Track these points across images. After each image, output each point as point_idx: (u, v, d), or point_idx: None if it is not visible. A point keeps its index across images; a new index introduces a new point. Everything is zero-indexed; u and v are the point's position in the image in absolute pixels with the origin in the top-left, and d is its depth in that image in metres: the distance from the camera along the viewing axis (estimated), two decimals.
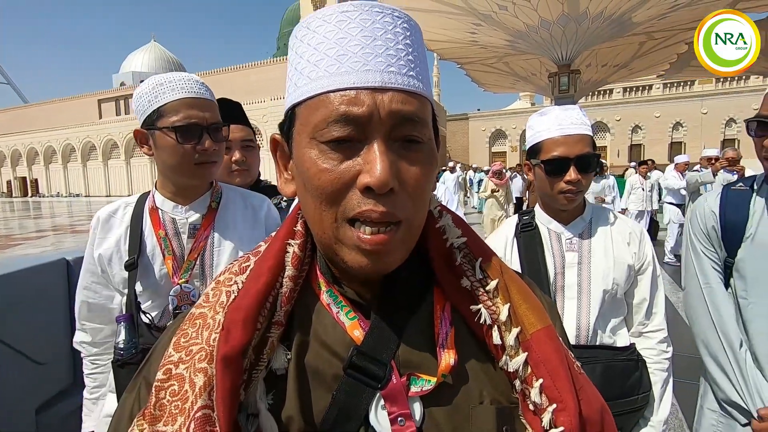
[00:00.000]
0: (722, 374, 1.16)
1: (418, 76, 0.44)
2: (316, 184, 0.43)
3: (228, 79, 40.44)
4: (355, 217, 0.42)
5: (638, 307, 1.28)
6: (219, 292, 0.49)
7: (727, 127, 36.22)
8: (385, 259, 0.44)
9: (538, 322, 0.47)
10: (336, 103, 0.41)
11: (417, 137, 0.43)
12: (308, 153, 0.43)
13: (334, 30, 0.43)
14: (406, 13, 0.45)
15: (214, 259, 1.17)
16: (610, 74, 24.06)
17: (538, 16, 16.39)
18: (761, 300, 1.11)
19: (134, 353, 1.09)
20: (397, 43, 0.43)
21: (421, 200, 0.45)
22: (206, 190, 1.23)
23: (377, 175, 0.40)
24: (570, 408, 0.44)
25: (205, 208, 1.20)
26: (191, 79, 1.13)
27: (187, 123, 1.09)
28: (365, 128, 0.42)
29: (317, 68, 0.43)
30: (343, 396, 0.45)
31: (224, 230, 1.19)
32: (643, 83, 38.55)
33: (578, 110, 1.25)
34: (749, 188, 1.20)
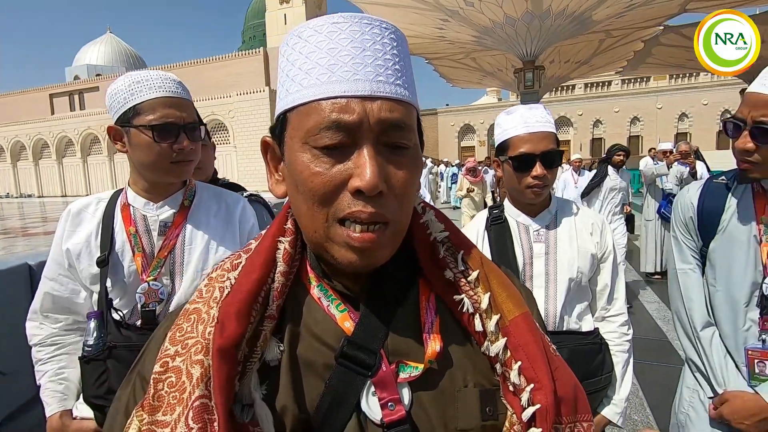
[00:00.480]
0: (693, 351, 1.26)
1: (404, 84, 0.47)
2: (309, 186, 0.45)
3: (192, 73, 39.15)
4: (345, 217, 0.45)
5: (601, 293, 1.37)
6: (212, 288, 0.50)
7: (680, 122, 38.21)
8: (373, 256, 0.46)
9: (516, 309, 0.50)
10: (327, 111, 0.44)
11: (403, 143, 0.46)
12: (301, 157, 0.46)
13: (325, 40, 0.45)
14: (393, 24, 0.48)
15: (185, 257, 1.16)
16: (572, 70, 24.88)
17: (503, 12, 16.71)
18: (724, 288, 1.20)
19: (101, 350, 1.09)
20: (384, 53, 0.46)
21: (407, 201, 0.48)
22: (179, 188, 1.22)
23: (367, 178, 0.42)
24: (546, 387, 0.47)
25: (177, 205, 1.19)
26: (168, 78, 1.12)
27: (164, 122, 1.09)
28: (355, 134, 0.44)
29: (309, 76, 0.45)
30: (335, 384, 0.47)
31: (196, 228, 1.19)
32: (603, 79, 40.07)
33: (542, 109, 1.32)
34: (727, 183, 1.26)
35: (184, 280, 1.16)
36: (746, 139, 1.06)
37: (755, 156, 1.07)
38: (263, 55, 38.62)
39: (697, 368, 1.25)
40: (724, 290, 1.19)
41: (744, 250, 1.16)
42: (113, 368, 1.09)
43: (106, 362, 1.09)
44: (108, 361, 1.09)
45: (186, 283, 1.16)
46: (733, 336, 1.17)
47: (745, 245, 1.16)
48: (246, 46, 54.09)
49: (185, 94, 1.15)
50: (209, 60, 40.01)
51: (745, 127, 1.06)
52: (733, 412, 1.11)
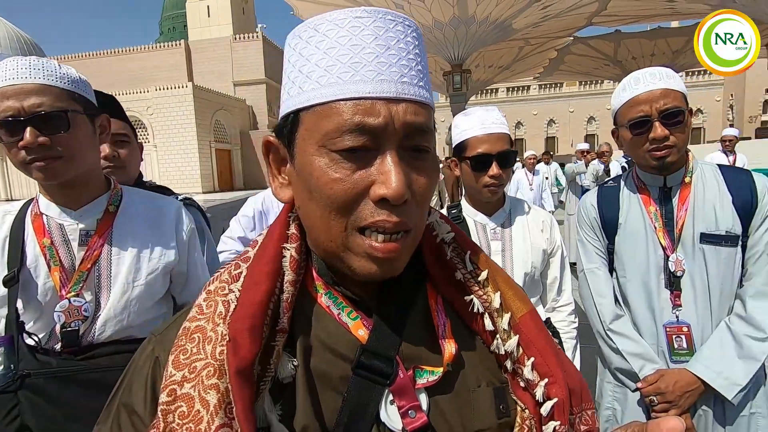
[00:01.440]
0: (607, 347, 1.36)
1: (426, 86, 0.45)
2: (328, 193, 0.42)
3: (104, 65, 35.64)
4: (367, 226, 0.42)
5: (551, 285, 1.47)
6: (214, 302, 0.46)
7: (589, 124, 42.22)
8: (393, 266, 0.45)
9: (524, 306, 0.51)
10: (350, 113, 0.41)
11: (426, 147, 0.45)
12: (317, 161, 0.43)
13: (347, 36, 0.42)
14: (414, 22, 0.46)
15: (113, 269, 1.06)
16: (496, 74, 26.40)
17: (431, 16, 17.26)
18: (634, 277, 1.33)
19: (11, 381, 0.96)
20: (408, 53, 0.44)
21: (426, 207, 0.47)
22: (102, 192, 1.10)
23: (393, 186, 0.40)
24: (560, 380, 0.48)
25: (100, 211, 1.08)
26: (6, 64, 0.95)
27: (3, 118, 0.94)
28: (379, 138, 0.42)
29: (328, 74, 0.42)
30: (354, 396, 0.45)
31: (124, 236, 1.08)
32: (523, 84, 43.00)
33: (497, 111, 1.38)
34: (617, 184, 1.43)
35: (112, 294, 1.05)
36: (660, 128, 1.20)
37: (671, 139, 1.20)
38: (185, 48, 36.26)
39: (615, 361, 1.34)
40: (635, 279, 1.32)
41: (643, 238, 1.30)
42: (26, 400, 0.96)
43: (17, 394, 0.96)
44: (20, 393, 0.96)
45: (115, 297, 1.05)
46: (651, 319, 1.30)
47: (644, 234, 1.30)
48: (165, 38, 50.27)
49: (34, 77, 0.96)
50: (122, 51, 36.70)
51: (654, 119, 1.20)
52: (667, 386, 1.23)
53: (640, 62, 24.47)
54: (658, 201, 1.30)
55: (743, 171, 1.31)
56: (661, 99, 1.19)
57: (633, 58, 25.34)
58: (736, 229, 1.22)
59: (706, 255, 1.23)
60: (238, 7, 40.29)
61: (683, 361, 1.25)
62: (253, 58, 35.67)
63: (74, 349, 1.01)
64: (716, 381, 1.18)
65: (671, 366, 1.27)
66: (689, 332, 1.25)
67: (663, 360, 1.28)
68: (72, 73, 1.03)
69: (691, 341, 1.25)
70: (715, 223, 1.23)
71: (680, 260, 1.25)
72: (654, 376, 1.26)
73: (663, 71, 1.23)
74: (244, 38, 36.07)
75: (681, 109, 1.19)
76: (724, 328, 1.22)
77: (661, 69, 1.24)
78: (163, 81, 32.44)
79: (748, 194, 1.22)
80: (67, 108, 0.99)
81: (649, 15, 20.88)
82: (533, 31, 20.49)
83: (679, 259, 1.25)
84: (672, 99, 1.19)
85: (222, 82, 34.63)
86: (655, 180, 1.31)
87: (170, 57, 35.93)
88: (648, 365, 1.27)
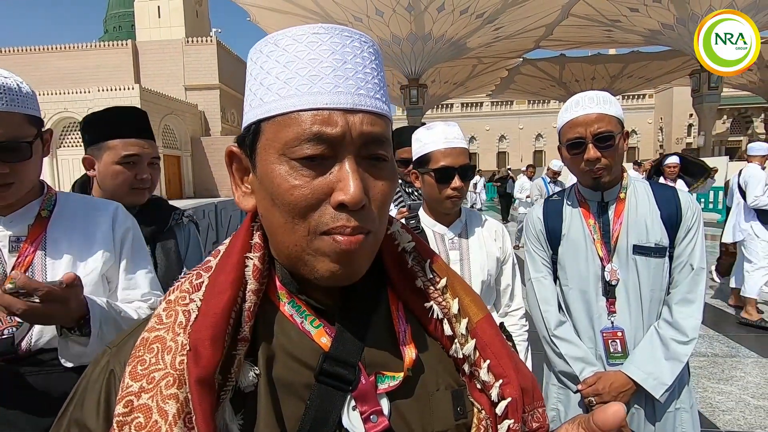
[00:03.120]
0: (552, 351, 1.45)
1: (382, 98, 0.47)
2: (289, 199, 0.43)
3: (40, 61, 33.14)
4: (328, 231, 0.44)
5: (504, 291, 1.55)
6: (174, 312, 0.46)
7: (537, 141, 44.48)
8: (356, 263, 0.46)
9: (480, 312, 0.53)
10: (309, 123, 0.43)
11: (383, 156, 0.47)
12: (278, 169, 0.44)
13: (305, 50, 0.44)
14: (371, 38, 0.49)
15: (47, 275, 1.02)
16: (451, 90, 27.31)
17: (389, 31, 17.63)
18: (575, 285, 1.43)
19: None
20: (365, 67, 0.46)
21: (385, 212, 0.48)
22: (34, 197, 1.06)
23: (351, 192, 0.42)
24: (513, 381, 0.50)
25: (32, 217, 1.04)
26: None
27: None
28: (337, 147, 0.43)
29: (288, 86, 0.44)
30: (316, 403, 0.46)
31: (59, 242, 1.05)
32: (477, 100, 44.69)
33: (457, 126, 1.45)
34: (561, 198, 1.53)
35: None
36: (593, 150, 1.30)
37: (603, 161, 1.31)
38: (132, 48, 34.53)
39: (559, 365, 1.43)
40: (576, 287, 1.42)
41: (583, 249, 1.40)
42: None
43: None
44: None
45: None
46: (590, 325, 1.40)
47: (583, 245, 1.41)
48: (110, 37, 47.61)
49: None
50: (62, 48, 34.35)
51: (588, 142, 1.31)
52: (603, 388, 1.32)
53: (582, 85, 26.29)
54: (596, 214, 1.41)
55: (670, 187, 1.44)
56: (596, 123, 1.29)
57: (576, 80, 27.16)
58: (664, 241, 1.33)
59: (638, 265, 1.34)
60: (191, 9, 39.02)
61: (618, 363, 1.35)
62: (206, 62, 34.53)
63: (11, 357, 0.97)
64: (647, 382, 1.28)
65: (608, 368, 1.36)
66: (623, 337, 1.36)
67: (601, 363, 1.38)
68: (27, 90, 0.98)
69: (625, 345, 1.36)
70: (646, 236, 1.34)
71: (615, 270, 1.35)
72: (592, 378, 1.35)
73: (601, 96, 1.33)
74: (198, 42, 34.90)
75: (612, 133, 1.29)
76: (653, 333, 1.33)
77: (600, 93, 1.34)
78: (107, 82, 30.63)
79: (674, 209, 1.35)
80: (29, 137, 0.97)
81: (590, 42, 22.52)
82: (486, 51, 21.46)
83: (614, 269, 1.35)
84: (605, 123, 1.29)
85: (172, 86, 33.22)
86: (593, 195, 1.42)
87: (115, 57, 34.06)
88: (588, 368, 1.36)
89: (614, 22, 18.64)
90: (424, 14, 16.94)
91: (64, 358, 0.98)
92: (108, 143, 1.38)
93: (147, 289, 1.17)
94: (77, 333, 0.95)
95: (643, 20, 17.95)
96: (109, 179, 1.40)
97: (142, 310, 1.12)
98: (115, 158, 1.38)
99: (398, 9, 16.74)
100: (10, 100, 0.93)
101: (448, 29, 17.69)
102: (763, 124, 33.14)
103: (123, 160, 1.38)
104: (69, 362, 0.98)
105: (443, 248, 1.46)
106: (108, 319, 0.99)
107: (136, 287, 1.16)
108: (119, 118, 1.42)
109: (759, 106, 33.22)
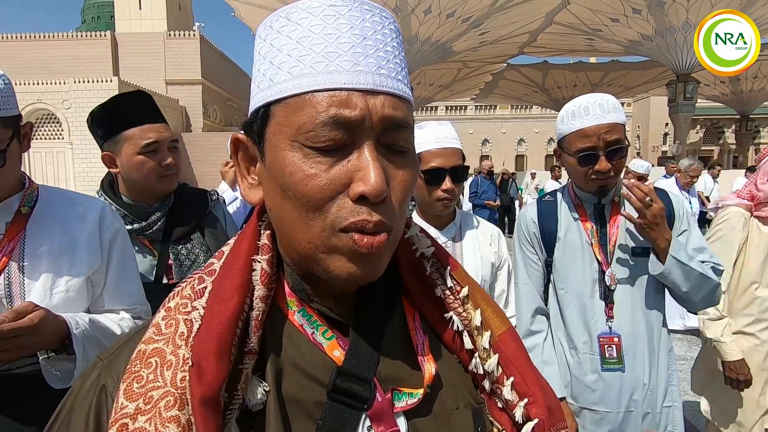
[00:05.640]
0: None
1: (404, 80, 0.43)
2: (303, 190, 0.39)
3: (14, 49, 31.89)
4: (348, 227, 0.39)
5: (499, 297, 1.52)
6: (174, 321, 0.42)
7: (519, 145, 45.16)
8: (375, 265, 0.42)
9: (502, 324, 0.49)
10: (325, 104, 0.39)
11: (404, 146, 0.43)
12: (290, 156, 0.40)
13: (321, 24, 0.40)
14: (392, 14, 0.44)
15: (26, 275, 0.96)
16: (436, 93, 27.45)
17: None
18: (571, 289, 1.41)
19: None
20: (386, 44, 0.42)
21: (405, 208, 0.44)
22: (14, 192, 1.00)
23: (372, 183, 0.38)
24: (540, 401, 0.46)
25: (10, 214, 0.99)
26: None
27: None
28: (355, 132, 0.39)
29: (301, 64, 0.40)
30: (328, 423, 0.42)
31: (39, 240, 0.99)
32: (461, 104, 45.05)
33: (451, 126, 1.42)
34: (554, 199, 1.50)
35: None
36: (605, 162, 1.29)
37: (612, 171, 1.31)
38: (111, 39, 33.56)
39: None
40: (572, 291, 1.41)
41: (580, 253, 1.39)
42: None
43: None
44: None
45: None
46: (586, 329, 1.38)
47: (580, 249, 1.40)
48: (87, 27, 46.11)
49: None
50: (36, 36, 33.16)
51: (601, 154, 1.29)
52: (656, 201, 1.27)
53: (564, 91, 26.79)
54: (593, 218, 1.40)
55: (661, 191, 1.45)
56: (608, 134, 1.27)
57: (558, 87, 27.65)
58: None
59: (636, 269, 1.34)
60: (174, 2, 38.21)
61: (613, 369, 1.35)
62: (189, 57, 33.80)
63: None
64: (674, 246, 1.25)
65: (602, 374, 1.36)
66: (619, 343, 1.35)
67: (595, 369, 1.37)
68: (2, 89, 0.91)
69: (620, 351, 1.35)
70: (641, 239, 1.34)
71: (614, 275, 1.35)
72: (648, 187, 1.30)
73: (610, 103, 1.30)
74: (180, 35, 34.15)
75: (623, 144, 1.29)
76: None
77: (608, 99, 1.31)
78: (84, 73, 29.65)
79: (667, 210, 1.35)
80: (3, 144, 0.91)
81: (572, 50, 22.96)
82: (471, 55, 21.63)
83: (613, 274, 1.35)
84: (617, 133, 1.28)
85: (153, 80, 32.39)
86: (590, 198, 1.41)
87: (93, 48, 33.03)
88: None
89: (596, 32, 19.04)
90: (411, 16, 16.97)
91: (51, 381, 0.92)
92: (124, 134, 1.31)
93: (134, 297, 1.11)
94: (64, 352, 0.91)
95: (623, 30, 18.39)
96: (134, 171, 1.32)
97: (125, 323, 1.06)
98: (135, 149, 1.30)
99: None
100: None
101: (434, 32, 17.76)
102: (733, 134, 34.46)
103: (144, 149, 1.31)
104: (60, 383, 0.92)
105: None
106: (91, 339, 0.94)
107: (123, 296, 1.10)
108: (129, 106, 1.34)
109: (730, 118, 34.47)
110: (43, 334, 0.86)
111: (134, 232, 1.33)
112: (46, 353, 0.90)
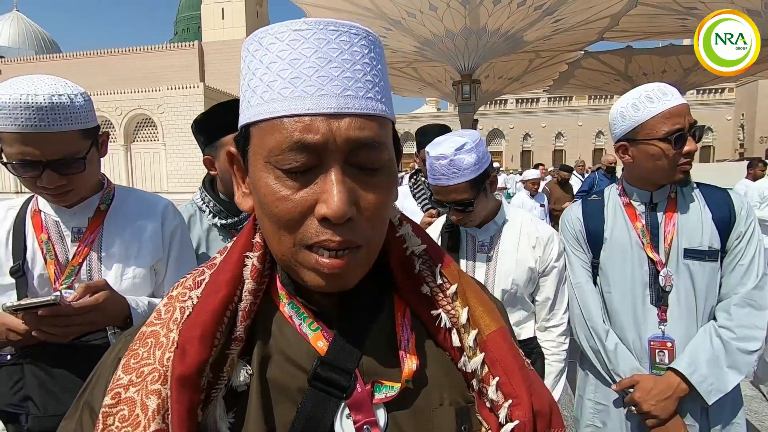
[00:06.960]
0: (595, 358, 1.34)
1: (377, 96, 0.43)
2: (274, 211, 0.42)
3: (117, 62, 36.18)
4: (312, 245, 0.42)
5: (543, 304, 1.44)
6: (172, 308, 0.47)
7: (597, 138, 42.05)
8: (342, 281, 0.44)
9: (493, 323, 0.49)
10: (290, 130, 0.40)
11: (374, 165, 0.43)
12: (264, 178, 0.43)
13: (287, 50, 0.41)
14: (366, 29, 0.44)
15: (103, 263, 1.11)
16: (505, 86, 26.43)
17: (443, 26, 17.35)
18: (620, 291, 1.32)
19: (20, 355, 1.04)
20: (354, 63, 0.42)
21: (381, 223, 0.46)
22: (95, 192, 1.16)
23: (333, 206, 0.40)
24: (524, 402, 0.46)
25: (92, 210, 1.13)
26: (28, 108, 0.94)
27: (21, 159, 0.98)
28: (322, 155, 0.41)
29: (270, 89, 0.42)
30: (308, 408, 0.45)
31: (114, 234, 1.14)
32: (532, 96, 43.00)
33: (457, 158, 1.28)
34: (601, 198, 1.41)
35: None
36: (692, 142, 1.20)
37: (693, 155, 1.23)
38: (198, 49, 36.74)
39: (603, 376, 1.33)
40: (621, 293, 1.31)
41: (629, 254, 1.30)
42: (30, 374, 1.03)
43: (23, 368, 1.03)
44: (25, 367, 1.03)
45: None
46: (636, 333, 1.29)
47: (629, 249, 1.30)
48: (179, 38, 50.82)
49: (49, 124, 0.96)
50: (135, 50, 37.22)
51: (688, 134, 1.20)
52: (641, 396, 1.22)
53: (651, 78, 24.41)
54: (645, 216, 1.31)
55: (720, 189, 1.32)
56: (688, 114, 1.21)
57: (644, 74, 25.28)
58: (716, 245, 1.23)
59: (691, 270, 1.24)
60: (252, 10, 40.78)
61: (662, 374, 1.25)
62: None
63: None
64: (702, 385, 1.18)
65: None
66: (672, 347, 1.25)
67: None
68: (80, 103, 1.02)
69: (673, 356, 1.25)
70: (699, 239, 1.24)
71: (670, 275, 1.25)
72: (627, 381, 1.26)
73: (673, 88, 1.24)
74: None
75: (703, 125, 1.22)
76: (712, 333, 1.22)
77: (668, 86, 1.24)
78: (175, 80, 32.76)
79: (726, 211, 1.24)
80: (83, 152, 1.04)
81: (661, 32, 20.87)
82: (544, 44, 20.52)
83: (669, 275, 1.25)
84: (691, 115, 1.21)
85: (233, 84, 34.91)
86: (642, 195, 1.32)
87: (183, 57, 36.41)
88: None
89: (690, 10, 17.11)
90: (479, 7, 16.49)
91: None
92: (222, 140, 1.44)
93: None
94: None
95: (722, 5, 16.34)
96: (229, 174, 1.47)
97: None
98: None
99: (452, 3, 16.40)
100: (64, 119, 0.98)
101: (504, 22, 17.09)
102: None
103: None
104: None
105: (471, 250, 1.42)
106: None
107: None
108: (225, 114, 1.46)
109: None
110: (107, 312, 1.00)
111: (228, 226, 1.47)
112: (113, 329, 1.05)
